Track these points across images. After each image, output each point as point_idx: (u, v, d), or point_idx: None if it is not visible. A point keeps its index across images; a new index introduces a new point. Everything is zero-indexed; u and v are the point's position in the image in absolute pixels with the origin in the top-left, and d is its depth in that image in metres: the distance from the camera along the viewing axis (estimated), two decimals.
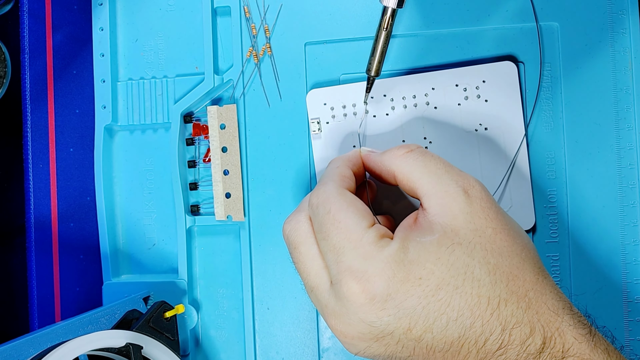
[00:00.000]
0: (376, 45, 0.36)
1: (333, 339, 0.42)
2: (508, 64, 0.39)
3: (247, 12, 0.43)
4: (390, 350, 0.30)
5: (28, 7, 0.41)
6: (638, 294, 0.39)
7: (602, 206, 0.39)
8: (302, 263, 0.32)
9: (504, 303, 0.28)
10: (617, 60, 0.39)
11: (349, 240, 0.30)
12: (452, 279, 0.29)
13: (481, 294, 0.29)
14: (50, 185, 0.42)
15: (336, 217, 0.31)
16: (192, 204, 0.44)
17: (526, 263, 0.30)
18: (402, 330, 0.29)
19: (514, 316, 0.28)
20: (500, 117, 0.39)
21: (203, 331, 0.44)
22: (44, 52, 0.42)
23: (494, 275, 0.29)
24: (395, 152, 0.33)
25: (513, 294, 0.29)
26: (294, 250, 0.33)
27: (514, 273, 0.29)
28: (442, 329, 0.28)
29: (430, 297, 0.29)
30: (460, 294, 0.28)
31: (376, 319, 0.29)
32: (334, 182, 0.33)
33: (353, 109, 0.41)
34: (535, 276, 0.30)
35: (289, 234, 0.33)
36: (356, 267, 0.29)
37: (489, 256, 0.29)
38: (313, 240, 0.32)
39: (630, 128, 0.39)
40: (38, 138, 0.42)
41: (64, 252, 0.43)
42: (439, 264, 0.29)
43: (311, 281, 0.32)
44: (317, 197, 0.32)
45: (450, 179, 0.31)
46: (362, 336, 0.30)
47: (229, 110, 0.43)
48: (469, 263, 0.29)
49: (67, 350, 0.33)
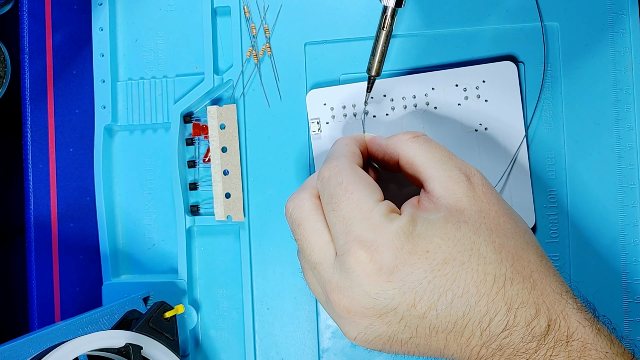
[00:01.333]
0: (376, 45, 0.36)
1: (333, 340, 0.42)
2: (508, 64, 0.39)
3: (247, 12, 0.43)
4: (392, 329, 0.30)
5: (28, 7, 0.41)
6: (638, 294, 0.39)
7: (602, 206, 0.39)
8: (305, 239, 0.32)
9: (510, 282, 0.28)
10: (617, 60, 0.39)
11: (359, 211, 0.30)
12: (458, 254, 0.29)
13: (487, 271, 0.28)
14: (50, 185, 0.42)
15: (348, 188, 0.31)
16: (192, 204, 0.44)
17: (529, 245, 0.30)
18: (406, 305, 0.29)
19: (519, 296, 0.28)
20: (500, 117, 0.39)
21: (203, 331, 0.44)
22: (43, 52, 0.42)
23: (500, 253, 0.29)
24: (400, 137, 0.33)
25: (518, 273, 0.29)
26: (297, 227, 0.33)
27: (518, 253, 0.29)
28: (447, 305, 0.28)
29: (437, 271, 0.28)
30: (467, 270, 0.28)
31: (381, 291, 0.29)
32: (345, 157, 0.33)
33: (353, 109, 0.41)
34: (538, 258, 0.30)
35: (292, 211, 0.33)
36: (365, 237, 0.29)
37: (494, 235, 0.29)
38: (317, 216, 0.32)
39: (630, 128, 0.39)
40: (38, 138, 0.42)
41: (64, 252, 0.43)
42: (446, 239, 0.29)
43: (315, 256, 0.32)
44: (328, 170, 0.32)
45: (454, 165, 0.31)
46: (365, 311, 0.30)
47: (228, 110, 0.43)
48: (475, 240, 0.29)
49: (66, 351, 0.33)
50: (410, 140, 0.33)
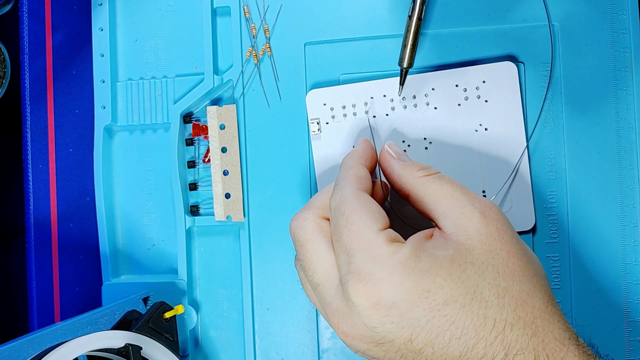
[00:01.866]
0: (407, 36, 0.35)
1: (333, 340, 0.42)
2: (508, 64, 0.39)
3: (246, 12, 0.43)
4: (389, 356, 0.30)
5: (28, 7, 0.41)
6: (638, 294, 0.39)
7: (602, 206, 0.39)
8: (308, 260, 0.32)
9: (510, 327, 0.28)
10: (617, 60, 0.39)
11: (359, 242, 0.30)
12: (460, 297, 0.28)
13: (487, 315, 0.28)
14: (50, 185, 0.42)
15: (349, 219, 0.31)
16: (192, 204, 0.44)
17: (536, 290, 0.29)
18: (403, 340, 0.29)
19: (518, 342, 0.28)
20: (500, 118, 0.39)
21: (202, 332, 0.44)
22: (43, 52, 0.42)
23: (503, 298, 0.29)
24: (412, 172, 0.33)
25: (520, 319, 0.28)
26: (300, 247, 0.33)
27: (523, 298, 0.29)
28: (444, 345, 0.28)
29: (436, 311, 0.28)
30: (467, 313, 0.28)
31: (378, 324, 0.29)
32: (350, 184, 0.33)
33: (353, 109, 0.41)
34: (544, 304, 0.29)
35: (295, 230, 0.33)
36: (364, 270, 0.29)
37: (500, 279, 0.29)
38: (321, 238, 0.32)
39: (630, 128, 0.39)
40: (37, 138, 0.42)
41: (64, 252, 0.43)
42: (449, 280, 0.28)
43: (317, 278, 0.32)
44: (334, 200, 0.32)
45: (467, 201, 0.31)
46: (363, 338, 0.30)
47: (228, 111, 0.43)
48: (479, 283, 0.29)
49: (66, 351, 0.33)
50: (422, 178, 0.32)
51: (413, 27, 0.35)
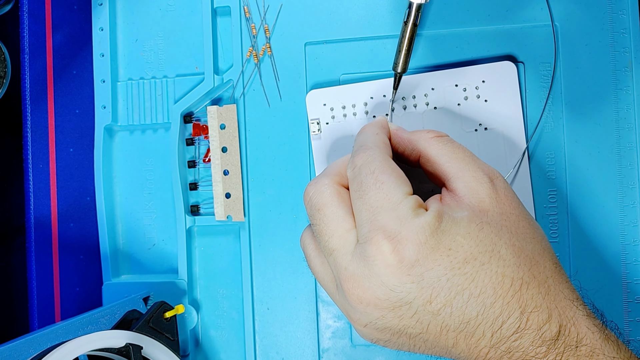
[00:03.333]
0: (402, 41, 0.36)
1: (333, 339, 0.42)
2: (507, 63, 0.39)
3: (247, 12, 0.43)
4: (403, 323, 0.30)
5: (28, 7, 0.41)
6: (638, 294, 0.39)
7: (602, 206, 0.39)
8: (325, 224, 0.32)
9: (526, 286, 0.28)
10: (617, 60, 0.39)
11: (388, 201, 0.30)
12: (479, 255, 0.29)
13: (505, 274, 0.29)
14: (50, 185, 0.42)
15: (379, 177, 0.31)
16: (192, 204, 0.44)
17: (546, 252, 0.30)
18: (421, 300, 0.29)
19: (533, 300, 0.28)
20: (500, 117, 0.39)
21: (203, 331, 0.44)
22: (43, 52, 0.42)
23: (519, 257, 0.29)
24: (424, 135, 0.33)
25: (534, 278, 0.29)
26: (317, 212, 0.32)
27: (536, 258, 0.29)
28: (462, 304, 0.28)
29: (457, 269, 0.28)
30: (486, 271, 0.28)
31: (399, 283, 0.29)
32: (378, 147, 0.33)
33: (353, 109, 0.41)
34: (553, 265, 0.30)
35: (313, 195, 0.33)
36: (390, 228, 0.29)
37: (514, 239, 0.29)
38: (339, 202, 0.32)
39: (630, 128, 0.39)
40: (38, 138, 0.42)
41: (64, 252, 0.43)
42: (469, 238, 0.29)
43: (333, 243, 0.31)
44: (361, 159, 0.32)
45: (477, 166, 0.31)
46: (379, 303, 0.29)
47: (228, 110, 0.43)
48: (496, 242, 0.29)
49: (67, 351, 0.33)
50: (434, 139, 0.33)
51: (408, 33, 0.36)
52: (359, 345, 0.42)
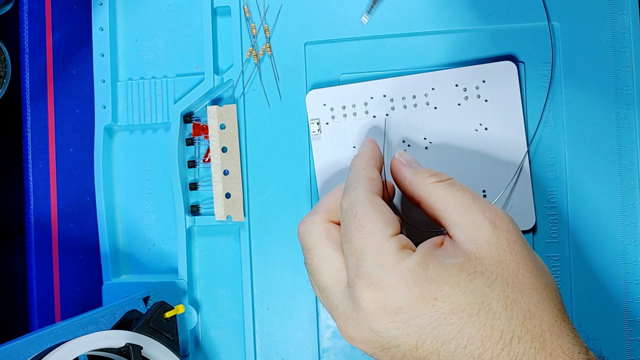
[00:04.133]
0: None
1: (333, 339, 0.42)
2: (508, 63, 0.39)
3: (247, 12, 0.43)
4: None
5: (28, 7, 0.41)
6: (638, 294, 0.39)
7: (602, 206, 0.39)
8: (315, 264, 0.32)
9: (517, 340, 0.28)
10: (617, 60, 0.39)
11: (369, 246, 0.30)
12: (467, 307, 0.28)
13: (495, 327, 0.28)
14: (50, 185, 0.42)
15: (361, 221, 0.31)
16: (192, 204, 0.44)
17: (546, 303, 0.29)
18: (408, 346, 0.28)
19: (525, 355, 0.27)
20: (500, 117, 0.39)
21: (203, 331, 0.44)
22: (43, 52, 0.42)
23: (511, 310, 0.28)
24: (424, 179, 0.33)
25: (528, 332, 0.28)
26: (307, 251, 0.33)
27: (532, 311, 0.28)
28: (450, 353, 0.28)
29: (442, 319, 0.28)
30: (474, 323, 0.28)
31: (384, 329, 0.29)
32: (363, 186, 0.32)
33: (353, 109, 0.41)
34: (553, 317, 0.29)
35: (302, 235, 0.33)
36: (372, 274, 0.29)
37: (509, 290, 0.29)
38: (328, 242, 0.32)
39: (630, 128, 0.39)
40: (38, 138, 0.42)
41: (64, 252, 0.43)
42: (457, 289, 0.28)
43: (324, 282, 0.32)
44: (347, 201, 0.32)
45: (478, 210, 0.30)
46: (369, 343, 0.30)
47: (229, 110, 0.43)
48: (488, 294, 0.28)
49: (67, 351, 0.33)
50: (433, 185, 0.32)
51: None
52: None
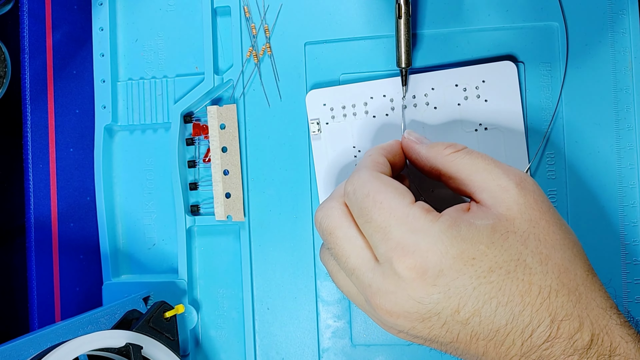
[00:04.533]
0: (398, 36, 0.36)
1: (333, 339, 0.42)
2: (507, 63, 0.39)
3: (247, 12, 0.43)
4: (433, 333, 0.29)
5: (28, 7, 0.41)
6: (638, 294, 0.39)
7: (602, 206, 0.39)
8: (339, 247, 0.32)
9: (555, 294, 0.28)
10: (617, 60, 0.39)
11: (394, 217, 0.30)
12: (504, 264, 0.28)
13: (532, 282, 0.28)
14: (50, 185, 0.42)
15: (376, 198, 0.30)
16: (192, 204, 0.44)
17: (577, 258, 0.30)
18: (450, 310, 0.28)
19: (563, 308, 0.28)
20: (500, 117, 0.39)
21: (203, 331, 0.44)
22: (43, 52, 0.42)
23: (546, 265, 0.29)
24: (440, 151, 0.33)
25: (564, 286, 0.28)
26: (329, 235, 0.32)
27: (565, 266, 0.29)
28: (491, 313, 0.28)
29: (482, 278, 0.28)
30: (512, 279, 0.28)
31: (425, 295, 0.28)
32: (366, 167, 0.32)
33: (353, 109, 0.41)
34: (585, 272, 0.29)
35: (321, 220, 0.33)
36: (406, 242, 0.29)
37: (542, 247, 0.29)
38: (349, 223, 0.32)
39: (630, 128, 0.39)
40: (38, 138, 0.42)
41: (64, 252, 0.43)
42: (493, 248, 0.28)
43: (351, 263, 0.31)
44: (352, 184, 0.32)
45: (502, 173, 0.31)
46: (408, 315, 0.29)
47: (229, 110, 0.43)
48: (522, 251, 0.29)
49: (67, 350, 0.33)
50: (452, 155, 0.32)
51: (403, 26, 0.35)
52: (359, 345, 0.42)
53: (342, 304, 0.42)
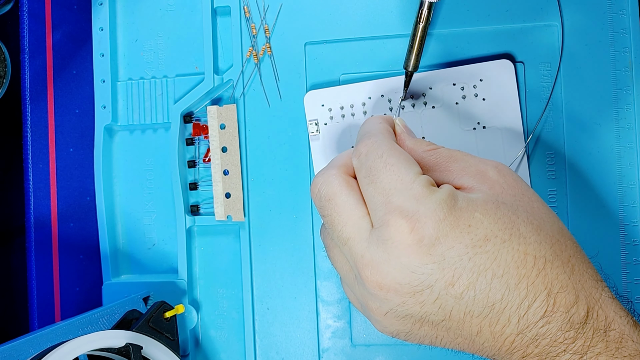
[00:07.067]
0: (413, 40, 0.36)
1: (333, 339, 0.42)
2: (505, 62, 0.39)
3: (247, 12, 0.43)
4: (425, 309, 0.29)
5: (28, 7, 0.41)
6: (638, 294, 0.39)
7: (602, 206, 0.39)
8: (337, 214, 0.31)
9: (550, 264, 0.27)
10: (617, 60, 0.39)
11: (401, 181, 0.29)
12: (499, 232, 0.28)
13: (527, 252, 0.28)
14: (50, 185, 0.42)
15: (388, 160, 0.30)
16: (192, 204, 0.44)
17: (564, 231, 0.29)
18: (443, 283, 0.28)
19: (558, 280, 0.27)
20: (498, 116, 0.39)
21: (203, 331, 0.44)
22: (43, 52, 0.42)
23: (539, 234, 0.28)
24: (423, 146, 0.33)
25: (557, 256, 0.28)
26: (327, 202, 0.32)
27: (556, 237, 0.29)
28: (486, 286, 0.27)
29: (478, 247, 0.28)
30: (507, 249, 0.28)
31: (420, 264, 0.28)
32: (382, 134, 0.33)
33: (351, 109, 0.41)
34: (573, 244, 0.29)
35: (321, 186, 0.32)
36: (407, 207, 0.29)
37: (532, 217, 0.29)
38: (349, 191, 0.31)
39: (630, 127, 0.39)
40: (38, 138, 0.42)
41: (64, 252, 0.43)
42: (487, 216, 0.28)
43: (347, 231, 0.31)
44: (366, 146, 0.32)
45: (478, 161, 0.31)
46: (399, 287, 0.28)
47: (228, 110, 0.43)
48: (514, 220, 0.28)
49: (67, 350, 0.33)
50: (432, 151, 0.32)
51: (420, 32, 0.36)
52: (359, 345, 0.42)
53: (342, 304, 0.42)
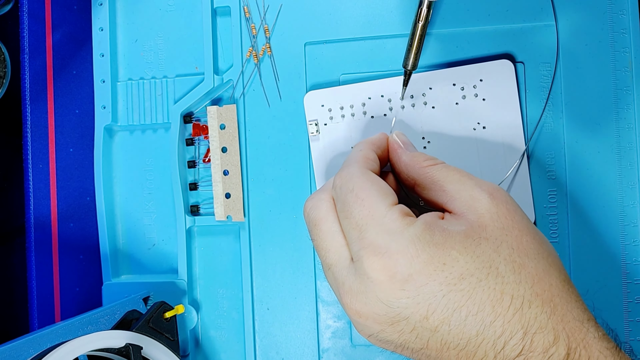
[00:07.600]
0: (413, 39, 0.36)
1: (333, 339, 0.42)
2: (505, 62, 0.39)
3: (247, 12, 0.43)
4: (403, 338, 0.29)
5: (28, 7, 0.41)
6: (639, 294, 0.39)
7: (602, 206, 0.39)
8: (321, 240, 0.32)
9: (528, 304, 0.27)
10: (617, 60, 0.39)
11: (372, 217, 0.30)
12: (476, 271, 0.28)
13: (504, 291, 0.27)
14: (50, 185, 0.42)
15: (359, 195, 0.30)
16: (192, 204, 0.44)
17: (552, 268, 0.29)
18: (418, 316, 0.28)
19: (537, 320, 0.27)
20: (498, 116, 0.39)
21: (203, 331, 0.44)
22: (43, 52, 0.42)
23: (519, 274, 0.28)
24: (420, 162, 0.33)
25: (538, 296, 0.28)
26: (314, 227, 0.32)
27: (539, 276, 0.28)
28: (461, 322, 0.27)
29: (452, 285, 0.28)
30: (483, 288, 0.27)
31: (394, 299, 0.28)
32: (357, 163, 0.33)
33: (351, 110, 0.41)
34: (561, 283, 0.29)
35: (309, 211, 0.33)
36: (379, 243, 0.29)
37: (515, 255, 0.28)
38: (334, 218, 0.32)
39: (630, 127, 0.39)
40: (38, 138, 0.42)
41: (64, 252, 0.43)
42: (465, 254, 0.28)
43: (330, 258, 0.31)
44: (340, 178, 0.32)
45: (474, 184, 0.31)
46: (377, 317, 0.29)
47: (228, 111, 0.43)
48: (495, 258, 0.28)
49: (67, 351, 0.33)
50: (429, 167, 0.32)
51: (419, 30, 0.36)
52: (359, 345, 0.42)
53: None
